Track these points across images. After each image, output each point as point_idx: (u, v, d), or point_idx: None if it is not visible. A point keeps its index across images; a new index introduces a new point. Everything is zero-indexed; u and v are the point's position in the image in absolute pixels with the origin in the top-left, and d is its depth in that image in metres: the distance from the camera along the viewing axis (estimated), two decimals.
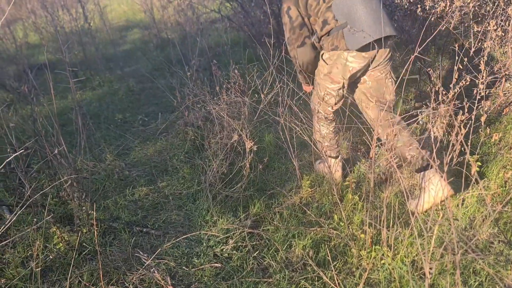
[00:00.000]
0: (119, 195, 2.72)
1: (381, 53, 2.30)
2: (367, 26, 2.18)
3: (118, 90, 4.80)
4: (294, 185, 2.74)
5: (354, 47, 2.22)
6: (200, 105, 2.94)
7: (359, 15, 2.19)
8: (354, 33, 2.19)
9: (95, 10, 7.28)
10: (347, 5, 2.21)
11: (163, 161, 3.14)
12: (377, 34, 2.17)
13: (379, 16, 2.20)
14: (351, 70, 2.31)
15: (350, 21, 2.20)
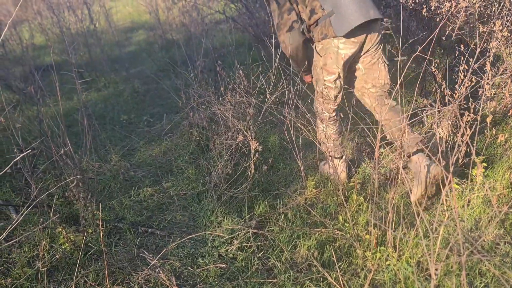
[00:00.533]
0: (124, 196, 2.73)
1: (370, 37, 2.35)
2: (352, 11, 2.23)
3: (123, 91, 4.82)
4: (299, 185, 2.74)
5: (342, 33, 2.25)
6: (205, 106, 2.95)
7: (343, 2, 2.24)
8: (341, 19, 2.24)
9: (100, 11, 7.31)
10: None
11: (168, 161, 3.14)
12: (362, 18, 2.22)
13: (363, 1, 2.26)
14: (344, 57, 2.35)
15: (336, 8, 2.25)
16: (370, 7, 2.25)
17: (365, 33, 2.31)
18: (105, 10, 6.92)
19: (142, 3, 7.33)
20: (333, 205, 2.52)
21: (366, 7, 2.25)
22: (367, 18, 2.23)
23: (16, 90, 4.76)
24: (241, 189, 2.59)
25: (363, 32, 2.30)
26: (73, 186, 2.26)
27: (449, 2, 2.99)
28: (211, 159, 2.96)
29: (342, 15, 2.24)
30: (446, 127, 2.70)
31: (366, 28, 2.29)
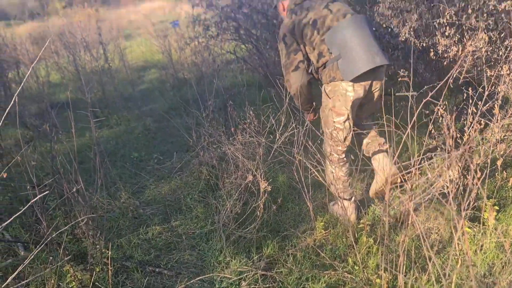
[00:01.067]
0: (132, 234, 2.72)
1: (376, 82, 2.44)
2: (359, 57, 2.29)
3: (135, 128, 4.90)
4: (308, 226, 2.72)
5: (349, 78, 2.32)
6: (216, 146, 2.98)
7: (350, 47, 2.30)
8: (348, 64, 2.31)
9: (115, 51, 7.54)
10: (338, 38, 2.32)
11: (177, 199, 3.15)
12: (369, 64, 2.28)
13: (370, 47, 2.30)
14: (352, 99, 2.41)
15: (343, 52, 2.31)
16: (376, 54, 2.29)
17: (372, 78, 2.39)
18: (120, 50, 7.13)
19: (156, 43, 7.55)
20: (343, 246, 2.49)
21: (373, 53, 2.29)
22: (374, 65, 2.28)
23: (31, 126, 4.86)
24: (250, 229, 2.57)
25: (369, 77, 2.37)
26: (83, 224, 2.27)
27: (456, 47, 3.05)
28: (220, 198, 2.96)
29: (349, 60, 2.30)
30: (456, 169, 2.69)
31: (373, 73, 2.36)
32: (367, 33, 2.34)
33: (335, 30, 2.34)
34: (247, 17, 5.68)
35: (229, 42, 6.38)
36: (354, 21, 2.34)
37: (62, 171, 2.59)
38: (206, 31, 5.98)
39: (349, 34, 2.30)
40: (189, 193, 3.18)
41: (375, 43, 2.33)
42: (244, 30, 5.80)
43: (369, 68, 2.28)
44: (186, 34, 7.03)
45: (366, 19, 2.40)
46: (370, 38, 2.33)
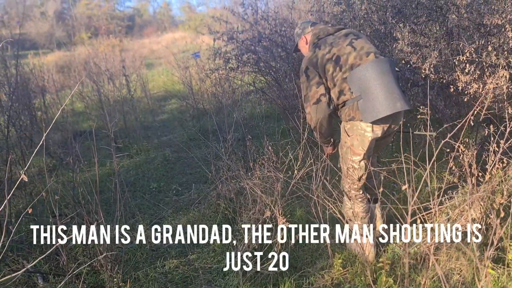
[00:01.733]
0: (150, 267, 2.73)
1: (395, 125, 2.48)
2: (380, 101, 2.30)
3: (155, 159, 4.96)
4: (325, 263, 2.68)
5: (368, 120, 2.34)
6: (235, 181, 2.99)
7: (372, 90, 2.31)
8: (368, 106, 2.32)
9: (137, 81, 7.73)
10: (361, 80, 2.33)
11: None
12: (389, 110, 2.29)
13: (392, 91, 2.31)
14: (369, 139, 2.43)
15: (364, 94, 2.33)
16: (397, 99, 2.31)
17: (390, 122, 2.42)
18: (142, 81, 7.31)
19: (176, 74, 7.72)
20: (361, 286, 2.44)
21: (394, 98, 2.30)
22: (394, 110, 2.30)
23: (54, 155, 4.97)
24: (267, 265, 2.55)
25: (388, 120, 2.39)
26: (102, 257, 2.28)
27: (476, 83, 3.05)
28: (237, 231, 2.96)
29: (370, 102, 2.32)
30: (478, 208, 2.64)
31: (392, 117, 2.39)
32: (390, 77, 2.35)
33: (358, 71, 2.35)
34: (266, 50, 5.79)
35: (248, 74, 6.50)
36: (378, 64, 2.35)
37: (83, 202, 2.64)
38: (226, 63, 6.10)
39: (372, 77, 2.32)
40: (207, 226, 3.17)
41: (397, 88, 2.34)
42: (263, 63, 5.91)
43: (390, 113, 2.30)
44: (207, 66, 7.18)
45: (390, 61, 2.41)
46: (392, 82, 2.34)
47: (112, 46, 12.95)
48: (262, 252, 2.61)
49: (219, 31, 6.02)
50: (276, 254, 2.55)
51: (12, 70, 5.74)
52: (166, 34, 24.47)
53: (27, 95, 5.91)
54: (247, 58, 6.08)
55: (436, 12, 3.60)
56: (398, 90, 2.34)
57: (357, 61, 2.40)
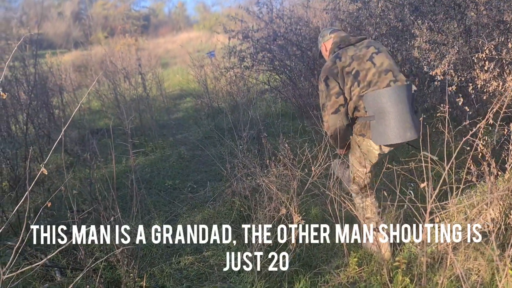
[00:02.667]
0: (165, 263, 2.74)
1: (401, 142, 2.50)
2: (392, 128, 2.39)
3: (170, 156, 4.99)
4: (340, 262, 2.67)
5: (378, 143, 2.47)
6: (251, 178, 2.99)
7: (386, 116, 2.39)
8: (380, 130, 2.41)
9: (152, 79, 7.79)
10: (377, 103, 2.40)
11: None
12: (399, 138, 2.40)
13: (405, 120, 2.39)
14: (377, 156, 2.56)
15: (378, 116, 2.40)
16: (409, 128, 2.39)
17: (399, 145, 2.57)
18: (158, 79, 7.35)
19: (192, 73, 7.75)
20: (377, 285, 2.42)
21: (406, 128, 2.38)
22: (404, 140, 2.41)
23: (71, 152, 5.04)
24: (282, 263, 2.54)
25: (397, 144, 2.50)
26: (119, 251, 2.31)
27: (496, 81, 3.00)
28: (252, 229, 2.96)
29: (381, 127, 2.40)
30: (497, 208, 2.60)
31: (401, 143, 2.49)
32: (405, 105, 2.40)
33: (375, 94, 2.40)
34: (281, 49, 5.79)
35: (263, 72, 6.50)
36: (395, 91, 2.39)
37: (100, 198, 2.67)
38: (241, 62, 6.11)
39: (388, 104, 2.38)
40: (221, 223, 3.18)
41: (410, 116, 2.40)
42: (278, 61, 5.91)
43: (399, 142, 2.41)
44: (222, 64, 7.20)
45: (408, 89, 2.44)
46: (406, 111, 2.40)
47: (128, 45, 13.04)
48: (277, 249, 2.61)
49: (234, 29, 6.04)
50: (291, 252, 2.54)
51: (31, 69, 5.84)
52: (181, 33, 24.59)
53: (45, 94, 6.01)
54: (262, 57, 6.09)
55: (454, 9, 3.55)
56: (410, 119, 2.40)
57: (376, 78, 2.44)
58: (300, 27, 5.70)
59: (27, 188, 3.73)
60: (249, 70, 6.26)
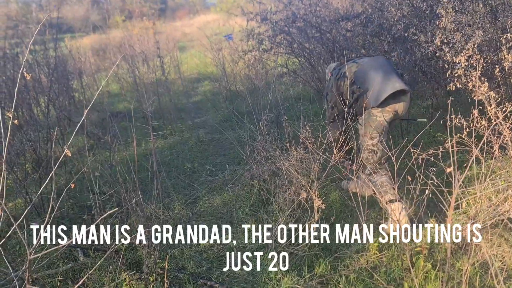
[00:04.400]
0: (185, 245, 2.76)
1: (401, 105, 2.87)
2: (382, 86, 2.81)
3: (189, 139, 5.00)
4: (360, 246, 2.65)
5: (376, 103, 2.80)
6: (271, 161, 2.98)
7: (372, 79, 2.85)
8: (374, 93, 2.80)
9: (171, 63, 7.77)
10: (363, 75, 2.90)
11: (229, 212, 3.17)
12: (390, 90, 2.78)
13: (389, 76, 2.83)
14: (382, 123, 2.85)
15: (370, 85, 2.84)
16: (396, 81, 2.82)
17: (396, 102, 2.84)
18: (177, 63, 7.34)
19: (210, 56, 7.71)
20: (398, 270, 2.40)
21: (393, 81, 2.81)
22: (394, 89, 2.78)
23: (91, 135, 5.09)
24: (302, 247, 2.54)
25: (394, 101, 2.82)
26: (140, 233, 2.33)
27: None
28: (271, 212, 2.95)
29: (375, 91, 2.81)
30: None
31: (397, 98, 2.82)
32: (389, 67, 2.91)
33: (358, 70, 2.93)
34: (300, 31, 5.69)
35: (281, 55, 6.42)
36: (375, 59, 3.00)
37: (121, 181, 2.69)
38: (260, 44, 6.04)
39: (373, 69, 2.88)
40: (241, 207, 3.19)
41: (396, 74, 2.87)
42: (297, 44, 5.82)
43: (391, 92, 2.77)
44: (240, 48, 7.14)
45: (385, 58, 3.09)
46: (391, 71, 2.88)
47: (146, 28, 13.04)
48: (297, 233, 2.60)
49: (252, 12, 5.96)
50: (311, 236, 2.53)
51: (51, 52, 5.88)
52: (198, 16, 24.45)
53: (65, 77, 6.06)
54: (281, 40, 6.01)
55: None
56: (395, 75, 2.86)
57: (359, 67, 2.97)
58: (320, 9, 5.58)
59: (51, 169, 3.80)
60: (267, 53, 6.19)
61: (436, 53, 4.07)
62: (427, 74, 4.31)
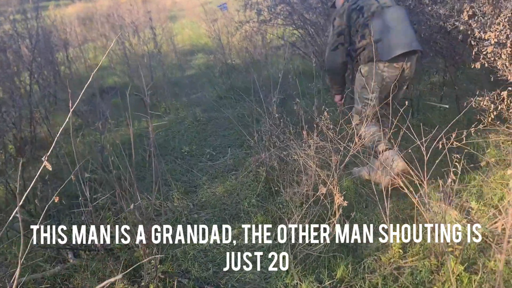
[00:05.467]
0: (188, 244, 2.48)
1: (409, 65, 2.76)
2: (397, 41, 2.69)
3: (185, 118, 4.65)
4: (380, 244, 2.41)
5: (386, 58, 2.70)
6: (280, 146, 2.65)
7: (391, 32, 2.70)
8: (386, 46, 2.69)
9: (163, 35, 7.30)
10: (381, 25, 2.72)
11: (234, 203, 2.89)
12: (405, 48, 2.68)
13: (407, 34, 2.73)
14: (385, 78, 2.77)
15: (383, 37, 2.70)
16: (412, 40, 2.72)
17: (405, 61, 2.73)
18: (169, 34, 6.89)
19: (205, 27, 7.28)
20: (425, 271, 2.16)
21: (409, 39, 2.71)
22: (409, 48, 2.69)
23: (79, 113, 4.73)
24: (319, 247, 2.26)
25: (403, 59, 2.72)
26: None
27: None
28: (280, 204, 2.68)
29: (388, 43, 2.69)
30: None
31: (406, 57, 2.72)
32: (407, 23, 2.77)
33: (377, 17, 2.73)
34: (301, 1, 5.30)
35: (281, 27, 6.03)
36: (395, 10, 2.79)
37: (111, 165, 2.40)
38: (258, 15, 5.66)
39: (391, 22, 2.71)
40: (246, 197, 2.90)
41: (412, 32, 2.76)
42: (298, 15, 5.43)
43: (405, 50, 2.67)
44: (236, 18, 6.72)
45: (406, 11, 2.87)
46: (410, 28, 2.76)
47: None
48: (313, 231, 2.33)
49: None
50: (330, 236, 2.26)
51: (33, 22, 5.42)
52: None
53: (49, 49, 5.61)
54: (281, 10, 5.62)
55: None
56: (413, 34, 2.75)
57: (378, 10, 2.77)
58: None
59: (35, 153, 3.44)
60: (266, 24, 5.81)
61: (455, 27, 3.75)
62: (443, 49, 4.00)
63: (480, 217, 2.65)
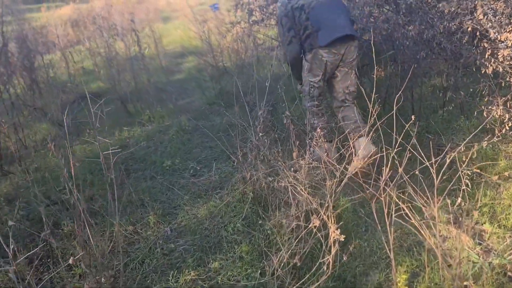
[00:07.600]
0: (160, 280, 2.14)
1: (348, 50, 2.98)
2: (332, 29, 2.95)
3: (169, 127, 4.31)
4: (383, 277, 2.09)
5: (324, 43, 2.93)
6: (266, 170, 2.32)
7: (326, 20, 2.97)
8: (324, 34, 2.94)
9: (151, 36, 6.96)
10: (317, 14, 2.99)
11: (216, 229, 2.54)
12: (339, 33, 2.92)
13: (341, 22, 2.98)
14: (326, 63, 2.99)
15: (321, 26, 2.96)
16: (346, 26, 2.96)
17: (343, 46, 2.95)
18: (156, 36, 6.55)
19: (194, 29, 6.95)
20: None
21: (343, 26, 2.95)
22: (343, 33, 2.92)
23: (56, 122, 4.39)
24: None
25: (341, 45, 2.94)
26: None
27: None
28: (269, 230, 2.35)
29: (325, 31, 2.94)
30: None
31: (344, 43, 2.95)
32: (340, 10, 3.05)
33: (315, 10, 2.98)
34: None
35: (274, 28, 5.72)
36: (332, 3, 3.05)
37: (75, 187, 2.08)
38: (250, 15, 5.35)
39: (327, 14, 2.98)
40: (231, 221, 2.57)
41: (347, 19, 3.01)
42: None
43: (339, 35, 2.91)
44: (228, 19, 6.39)
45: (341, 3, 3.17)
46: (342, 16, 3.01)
47: None
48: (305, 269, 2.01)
49: None
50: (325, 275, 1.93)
51: None
52: None
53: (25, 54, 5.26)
54: (273, 9, 5.32)
55: None
56: (347, 21, 3.00)
57: (317, 4, 3.00)
58: None
59: None
60: (258, 25, 5.51)
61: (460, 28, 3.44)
62: (447, 51, 3.69)
63: (495, 243, 2.34)
